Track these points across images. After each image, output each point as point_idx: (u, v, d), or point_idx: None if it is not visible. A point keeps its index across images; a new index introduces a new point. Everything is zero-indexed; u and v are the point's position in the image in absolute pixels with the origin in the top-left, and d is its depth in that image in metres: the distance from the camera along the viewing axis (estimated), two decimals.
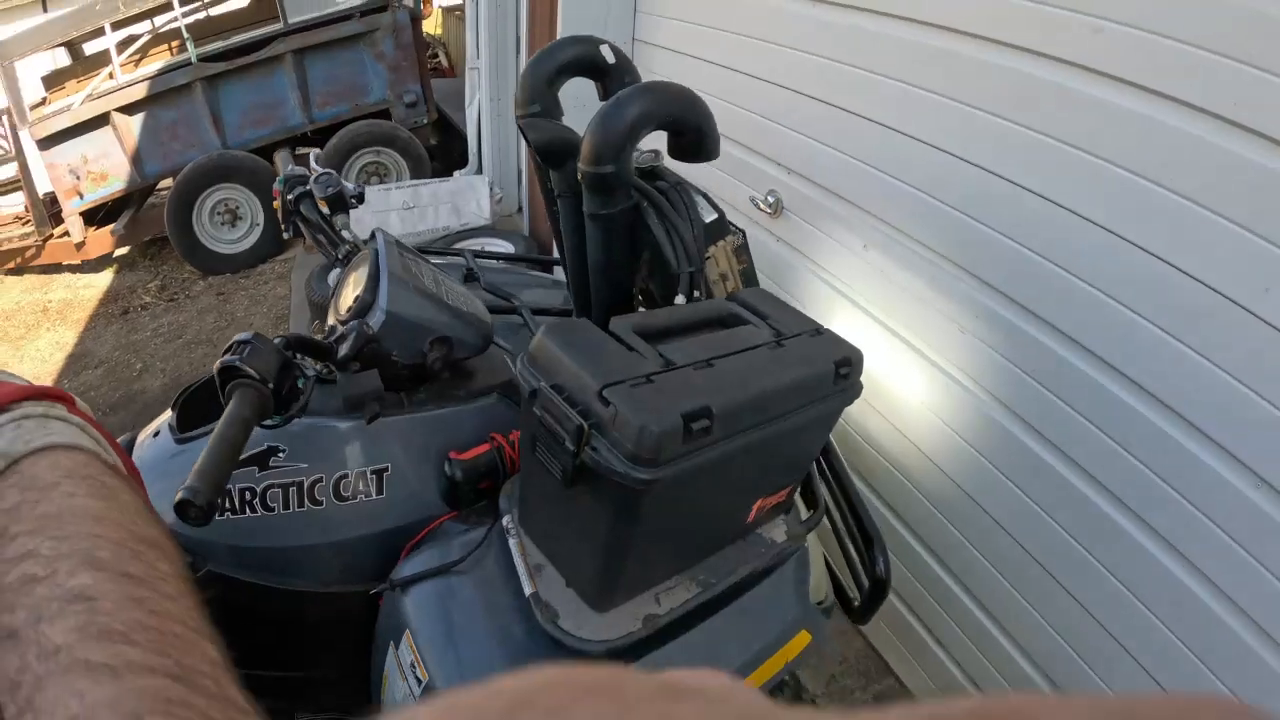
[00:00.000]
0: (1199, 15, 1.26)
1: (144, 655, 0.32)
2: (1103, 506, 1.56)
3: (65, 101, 5.55)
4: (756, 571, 1.18)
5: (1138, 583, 1.52)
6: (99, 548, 0.37)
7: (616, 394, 0.81)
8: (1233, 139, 1.23)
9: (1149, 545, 1.48)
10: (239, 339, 1.00)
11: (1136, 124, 1.37)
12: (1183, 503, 1.40)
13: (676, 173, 1.30)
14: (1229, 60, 1.22)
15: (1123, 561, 1.54)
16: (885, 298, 2.04)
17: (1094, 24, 1.41)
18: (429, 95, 5.93)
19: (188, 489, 0.85)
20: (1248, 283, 1.25)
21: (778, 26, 2.31)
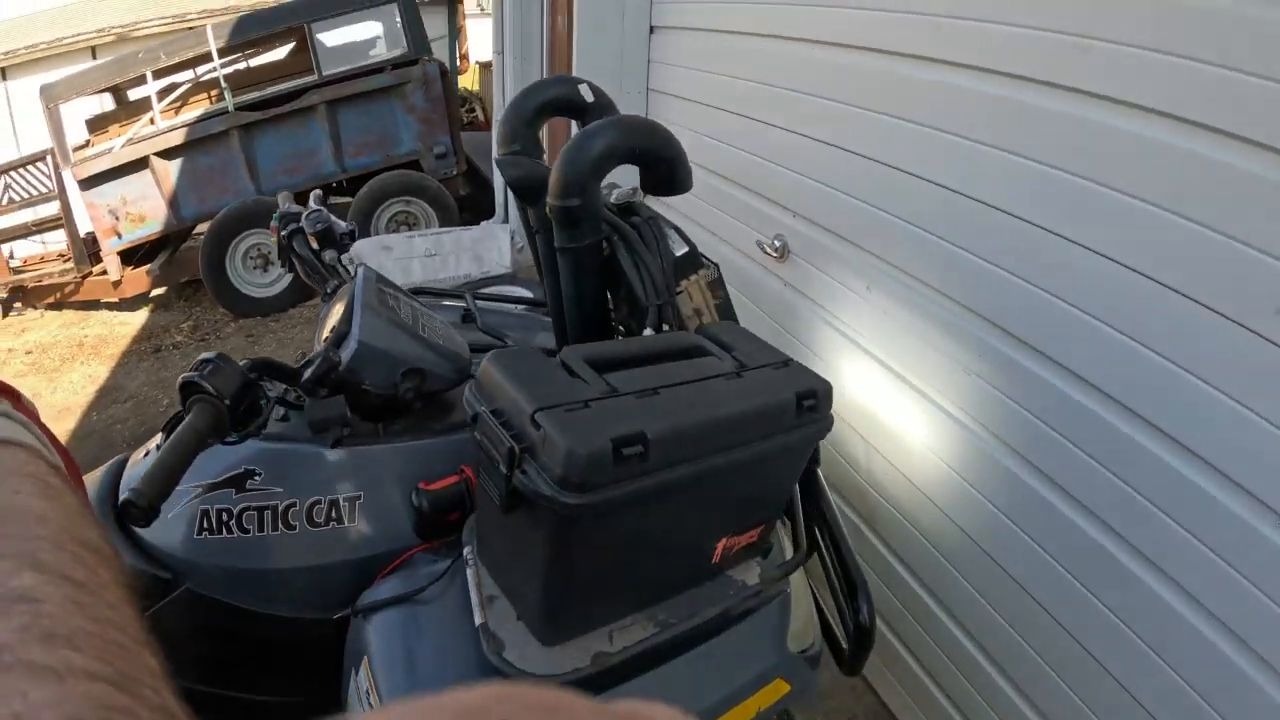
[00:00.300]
0: (1206, 29, 1.21)
1: (87, 661, 0.31)
2: (1121, 557, 1.46)
3: (107, 144, 5.77)
4: (728, 615, 1.15)
5: (1163, 642, 1.41)
6: (41, 549, 0.36)
7: (548, 418, 0.80)
8: (1251, 158, 1.17)
9: (1170, 597, 1.37)
10: (203, 357, 1.04)
11: (1145, 148, 1.31)
12: (1210, 555, 1.30)
13: (651, 208, 1.30)
14: (1244, 76, 1.16)
15: (1141, 613, 1.44)
16: (889, 339, 2.00)
17: (1083, 44, 1.39)
18: (458, 147, 6.06)
19: (132, 491, 0.89)
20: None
21: (781, 70, 2.33)
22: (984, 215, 1.65)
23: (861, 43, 1.97)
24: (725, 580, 1.15)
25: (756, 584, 1.17)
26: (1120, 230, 1.37)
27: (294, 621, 1.23)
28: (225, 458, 1.22)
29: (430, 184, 5.85)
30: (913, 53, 1.80)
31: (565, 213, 1.18)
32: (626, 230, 1.23)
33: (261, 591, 1.22)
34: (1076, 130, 1.43)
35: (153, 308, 6.30)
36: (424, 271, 4.72)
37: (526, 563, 0.92)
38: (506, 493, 0.82)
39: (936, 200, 1.77)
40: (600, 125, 1.17)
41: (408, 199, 5.83)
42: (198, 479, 1.21)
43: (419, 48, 5.87)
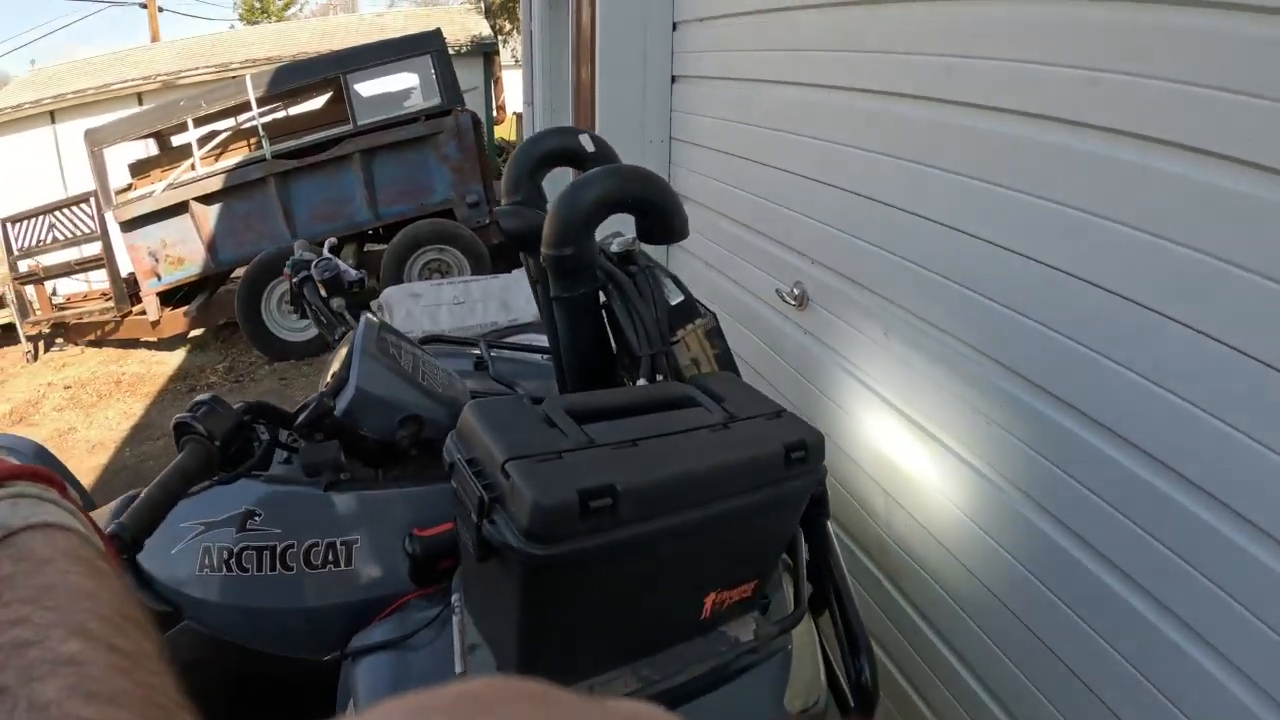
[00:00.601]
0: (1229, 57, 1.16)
1: (128, 717, 0.34)
2: (1150, 615, 1.38)
3: (149, 188, 5.96)
4: (720, 671, 1.12)
5: (1199, 709, 1.32)
6: (89, 621, 0.39)
7: (518, 468, 0.79)
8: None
9: (1204, 660, 1.29)
10: (199, 400, 1.10)
11: (1171, 185, 1.26)
12: (1243, 613, 1.21)
13: (649, 256, 1.30)
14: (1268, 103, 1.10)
15: (1172, 675, 1.35)
16: (907, 387, 1.97)
17: (1091, 77, 1.36)
18: (491, 196, 6.17)
19: (118, 525, 0.95)
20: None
21: (796, 117, 2.34)
22: (1003, 259, 1.61)
23: (873, 86, 1.97)
24: (717, 636, 1.12)
25: (751, 640, 1.14)
26: (1146, 272, 1.32)
27: (289, 661, 1.24)
28: (228, 498, 1.25)
29: (463, 232, 5.94)
30: (925, 95, 1.80)
31: (559, 262, 1.19)
32: (621, 279, 1.23)
33: (258, 630, 1.23)
34: (1095, 169, 1.39)
35: (190, 348, 6.45)
36: (451, 319, 4.77)
37: (502, 612, 0.91)
38: (477, 542, 0.81)
39: (953, 244, 1.74)
40: (593, 174, 1.18)
41: (441, 247, 5.92)
42: (201, 517, 1.25)
43: (452, 98, 6.01)
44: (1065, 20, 1.44)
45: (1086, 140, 1.41)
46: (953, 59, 1.71)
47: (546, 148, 1.42)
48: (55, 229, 6.36)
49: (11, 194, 8.48)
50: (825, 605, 1.39)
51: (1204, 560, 1.28)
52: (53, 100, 9.15)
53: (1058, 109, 1.46)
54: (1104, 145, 1.37)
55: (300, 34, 11.88)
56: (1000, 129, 1.60)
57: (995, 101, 1.60)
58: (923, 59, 1.79)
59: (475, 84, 8.80)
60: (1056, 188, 1.48)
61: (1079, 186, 1.43)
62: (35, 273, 6.49)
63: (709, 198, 3.01)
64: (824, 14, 2.21)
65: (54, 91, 9.37)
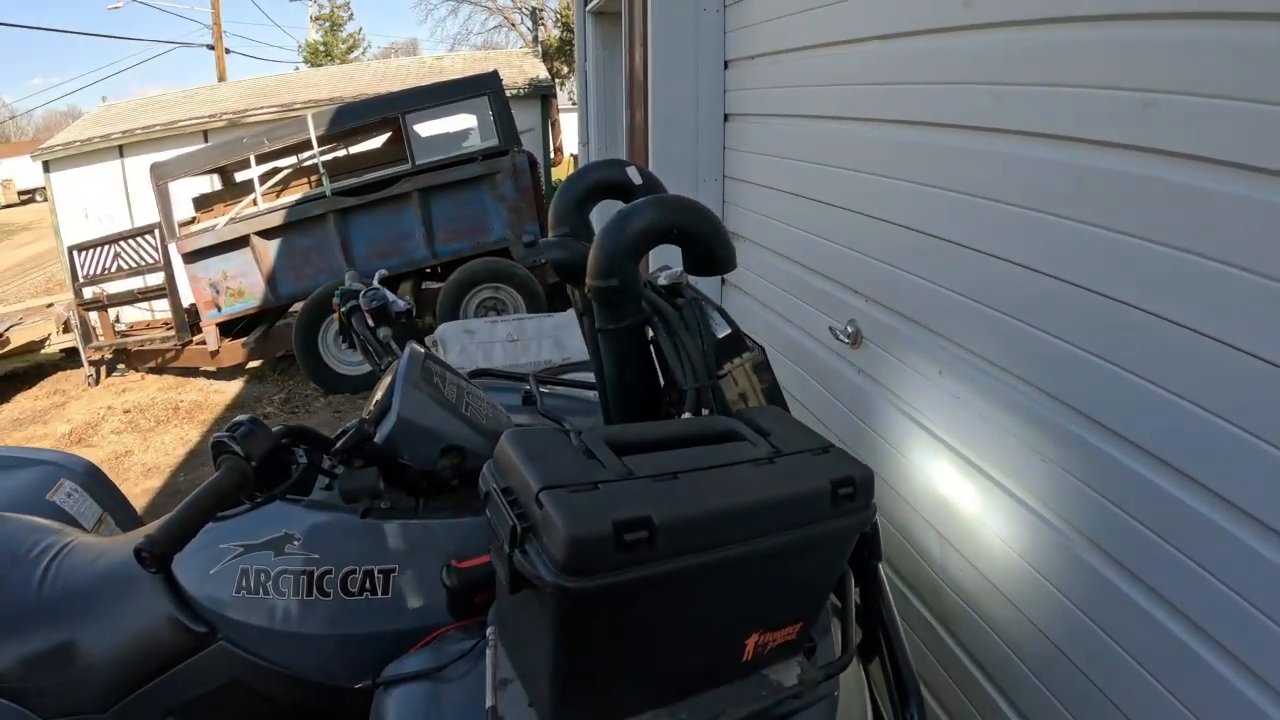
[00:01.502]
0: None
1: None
2: (1219, 667, 1.28)
3: (211, 222, 6.15)
4: (759, 716, 1.08)
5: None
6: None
7: (552, 497, 0.77)
8: None
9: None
10: (237, 420, 1.13)
11: (1238, 209, 1.18)
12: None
13: (695, 289, 1.29)
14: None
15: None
16: (961, 426, 1.92)
17: (1146, 99, 1.31)
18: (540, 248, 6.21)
19: (146, 539, 0.97)
20: None
21: (847, 151, 2.33)
22: (1060, 291, 1.55)
23: (923, 118, 1.95)
24: (759, 680, 1.09)
25: (795, 685, 1.09)
26: (1217, 302, 1.24)
27: (321, 687, 1.25)
28: (268, 521, 1.27)
29: (519, 271, 6.00)
30: (974, 124, 1.76)
31: (604, 293, 1.18)
32: (667, 311, 1.21)
33: (291, 654, 1.24)
34: (1155, 194, 1.33)
35: (247, 379, 6.60)
36: (505, 356, 4.81)
37: (536, 647, 0.89)
38: (509, 573, 0.79)
39: (1007, 277, 1.69)
40: (638, 205, 1.17)
41: (496, 285, 5.99)
42: (241, 539, 1.27)
43: (509, 139, 6.12)
44: (1117, 42, 1.40)
45: (1145, 165, 1.35)
46: (1000, 86, 1.68)
47: (593, 180, 1.42)
48: (120, 258, 6.58)
49: (80, 224, 8.84)
50: (875, 652, 1.35)
51: (1274, 605, 1.19)
52: (121, 135, 9.48)
53: (1112, 133, 1.41)
54: (1162, 169, 1.32)
55: (361, 75, 12.21)
56: (1054, 156, 1.55)
57: (1047, 128, 1.56)
58: (971, 87, 1.77)
59: (532, 125, 8.94)
60: (1112, 215, 1.42)
61: (1137, 213, 1.37)
62: (99, 299, 6.72)
63: (763, 235, 3.00)
64: (871, 48, 2.20)
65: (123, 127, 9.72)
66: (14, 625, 1.36)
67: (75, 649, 1.33)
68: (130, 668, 1.31)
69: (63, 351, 7.41)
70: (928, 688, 2.03)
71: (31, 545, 1.47)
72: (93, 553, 1.47)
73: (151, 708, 1.32)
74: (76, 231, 8.25)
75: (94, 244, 6.68)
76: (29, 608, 1.37)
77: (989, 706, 1.90)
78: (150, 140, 9.28)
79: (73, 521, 1.79)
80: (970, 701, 1.97)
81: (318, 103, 8.75)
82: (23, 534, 1.51)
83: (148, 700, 1.32)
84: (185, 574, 1.30)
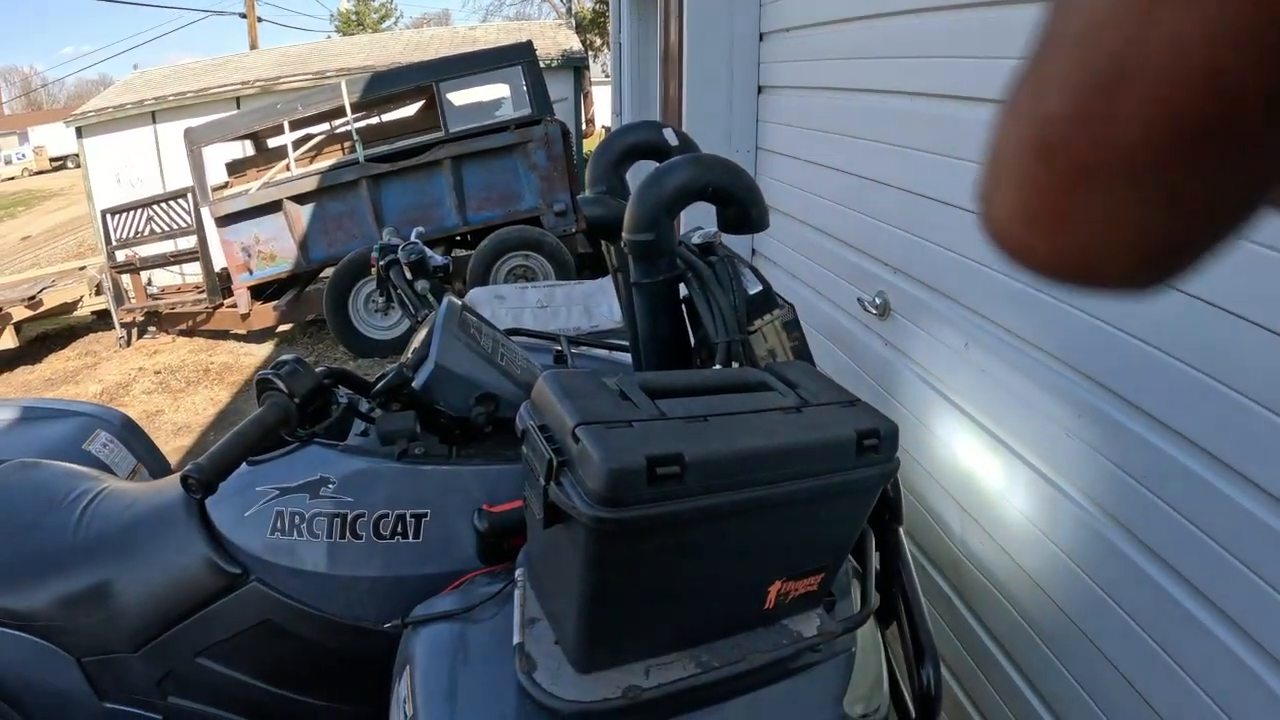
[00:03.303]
0: None
1: None
2: (1241, 653, 1.27)
3: (244, 187, 6.20)
4: (779, 666, 1.11)
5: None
6: None
7: (588, 432, 0.80)
8: None
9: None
10: (282, 359, 1.18)
11: None
12: None
13: (728, 247, 1.30)
14: None
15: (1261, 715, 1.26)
16: (986, 398, 1.92)
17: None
18: (578, 205, 6.22)
19: (194, 466, 1.02)
20: None
21: (882, 124, 2.32)
22: None
23: (958, 92, 1.94)
24: (780, 629, 1.11)
25: (814, 636, 1.12)
26: (1247, 283, 1.24)
27: (351, 628, 1.28)
28: (303, 464, 1.29)
29: (549, 240, 6.01)
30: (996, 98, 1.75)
31: (640, 247, 1.20)
32: (700, 267, 1.23)
33: (322, 595, 1.27)
34: None
35: (278, 342, 6.68)
36: (535, 322, 4.84)
37: (565, 584, 0.92)
38: (544, 505, 0.82)
39: None
40: (674, 162, 1.19)
41: (527, 253, 6.00)
42: (276, 481, 1.29)
43: (542, 109, 6.12)
44: None
45: None
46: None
47: (630, 140, 1.44)
48: (153, 222, 6.67)
49: (112, 189, 8.95)
50: (893, 617, 1.37)
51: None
52: (154, 101, 9.54)
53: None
54: None
55: (394, 45, 12.20)
56: None
57: None
58: (1009, 62, 1.75)
59: (565, 96, 8.93)
60: None
61: None
62: (132, 263, 6.82)
63: (794, 207, 3.00)
64: (909, 20, 2.19)
65: (155, 94, 9.79)
66: (50, 566, 1.39)
67: (110, 589, 1.36)
68: (163, 608, 1.34)
69: (95, 314, 7.52)
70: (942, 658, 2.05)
71: (68, 490, 1.50)
72: (128, 497, 1.50)
73: (183, 647, 1.36)
74: (109, 197, 8.33)
75: (127, 208, 6.77)
76: (65, 549, 1.40)
77: (1003, 679, 1.92)
78: (183, 107, 9.34)
79: (108, 470, 1.83)
80: (984, 674, 1.99)
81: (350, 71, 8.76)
82: (60, 479, 1.54)
83: (179, 640, 1.35)
84: (220, 516, 1.33)
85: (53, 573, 1.38)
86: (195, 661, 1.36)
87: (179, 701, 1.40)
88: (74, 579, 1.37)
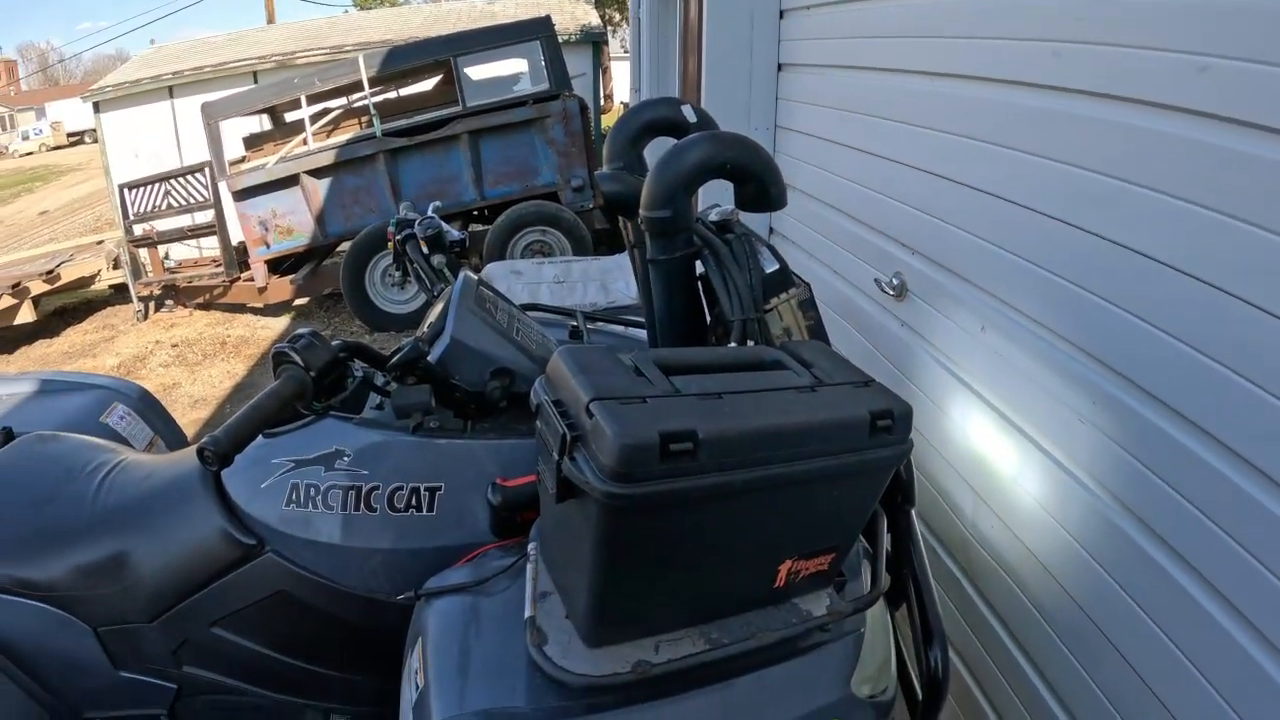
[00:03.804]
0: None
1: None
2: (1256, 654, 1.25)
3: (261, 161, 6.20)
4: (788, 644, 1.11)
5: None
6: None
7: (602, 408, 0.80)
8: None
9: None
10: (298, 332, 1.18)
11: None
12: None
13: (745, 225, 1.30)
14: None
15: (1267, 711, 1.24)
16: (1001, 382, 1.91)
17: (1199, 63, 1.28)
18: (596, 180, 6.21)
19: (210, 438, 1.03)
20: None
21: (902, 105, 2.30)
22: (1111, 254, 1.53)
23: (979, 73, 1.92)
24: (789, 608, 1.12)
25: (823, 616, 1.12)
26: (1268, 273, 1.22)
27: (364, 600, 1.29)
28: (319, 437, 1.30)
29: (566, 215, 6.01)
30: (1031, 81, 1.73)
31: (656, 224, 1.20)
32: (717, 244, 1.23)
33: (336, 566, 1.29)
34: (1208, 160, 1.30)
35: (294, 315, 6.71)
36: (551, 297, 4.85)
37: (576, 558, 0.92)
38: (557, 480, 0.82)
39: (1057, 236, 1.68)
40: (693, 139, 1.19)
41: (543, 228, 6.00)
42: (292, 454, 1.30)
43: (560, 84, 6.10)
44: (1179, 4, 1.37)
45: (1197, 129, 1.32)
46: (1060, 44, 1.64)
47: (649, 117, 1.43)
48: (170, 196, 6.69)
49: (129, 164, 8.96)
50: (903, 599, 1.37)
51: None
52: (172, 76, 9.54)
53: (1165, 96, 1.38)
54: (1216, 135, 1.29)
55: (413, 19, 12.15)
56: (1108, 116, 1.52)
57: (1103, 88, 1.53)
58: (1029, 43, 1.73)
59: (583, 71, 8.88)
60: (1164, 178, 1.39)
61: (1189, 177, 1.34)
62: (149, 237, 6.85)
63: (812, 186, 2.99)
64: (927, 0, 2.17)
65: (173, 68, 9.79)
66: (68, 537, 1.41)
67: (127, 560, 1.38)
68: (179, 578, 1.36)
69: (112, 287, 7.58)
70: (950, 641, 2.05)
71: (86, 461, 1.51)
72: (145, 469, 1.51)
73: (198, 617, 1.37)
74: (126, 171, 8.36)
75: (144, 182, 6.78)
76: (83, 520, 1.42)
77: (1010, 663, 1.92)
78: (200, 81, 9.34)
79: (125, 443, 1.85)
80: (991, 658, 1.99)
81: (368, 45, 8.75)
82: (77, 451, 1.56)
83: (195, 610, 1.37)
84: (236, 488, 1.35)
85: (70, 544, 1.40)
86: (210, 631, 1.38)
87: (194, 671, 1.42)
88: (91, 550, 1.39)
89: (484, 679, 1.02)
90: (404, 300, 5.98)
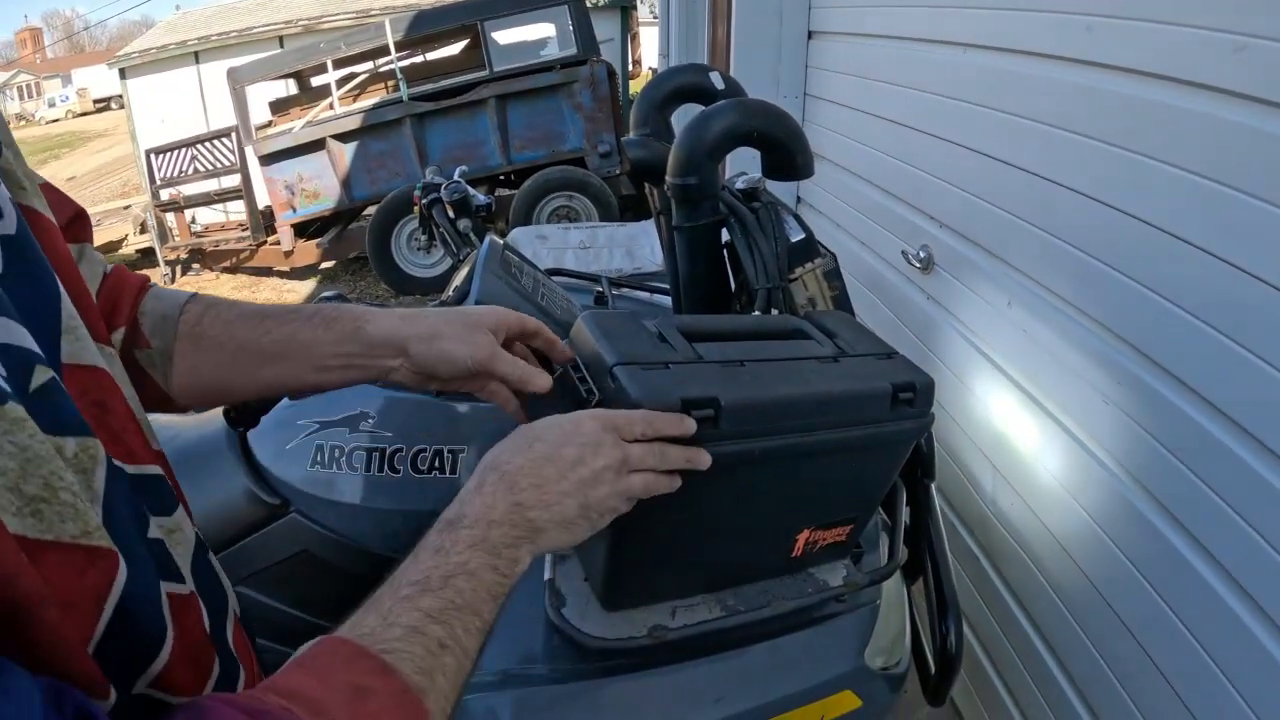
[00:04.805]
0: None
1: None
2: (1270, 646, 1.24)
3: (287, 125, 6.21)
4: (804, 613, 1.12)
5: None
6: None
7: (625, 373, 0.80)
8: None
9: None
10: (325, 295, 1.13)
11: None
12: None
13: (772, 194, 1.29)
14: None
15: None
16: (1025, 359, 1.90)
17: (1236, 42, 1.25)
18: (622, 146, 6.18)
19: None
20: None
21: (934, 76, 2.26)
22: (1141, 234, 1.51)
23: (1013, 45, 1.89)
24: (806, 577, 1.12)
25: (840, 586, 1.13)
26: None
27: (386, 560, 1.30)
28: (344, 399, 1.32)
29: (593, 180, 5.99)
30: (1065, 55, 1.70)
31: (682, 190, 1.19)
32: (743, 212, 1.22)
33: (359, 527, 1.31)
34: (1242, 141, 1.28)
35: (320, 279, 6.75)
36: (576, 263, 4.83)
37: None
38: None
39: (1085, 213, 1.65)
40: (720, 106, 1.17)
41: (570, 194, 5.99)
42: (317, 415, 1.32)
43: (588, 49, 6.05)
44: None
45: (1233, 110, 1.29)
46: (1094, 18, 1.61)
47: (676, 83, 1.42)
48: (197, 161, 6.74)
49: (155, 130, 9.01)
50: (920, 573, 1.37)
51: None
52: (197, 41, 9.59)
53: (1200, 75, 1.35)
54: (1252, 116, 1.25)
55: None
56: (1141, 94, 1.49)
57: (1137, 64, 1.50)
58: (1064, 16, 1.70)
59: (611, 36, 8.81)
60: (1202, 161, 1.36)
61: (1227, 160, 1.31)
62: (176, 201, 6.91)
63: (841, 156, 2.96)
64: None
65: (198, 34, 9.82)
66: None
67: None
68: (205, 537, 1.39)
69: (139, 252, 7.67)
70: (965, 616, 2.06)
71: None
72: (171, 430, 1.52)
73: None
74: (152, 137, 8.42)
75: (171, 147, 6.84)
76: None
77: (1023, 640, 1.92)
78: (226, 46, 9.37)
79: None
80: (1006, 636, 2.00)
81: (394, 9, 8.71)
82: None
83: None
84: (262, 449, 1.36)
85: None
86: (234, 590, 1.40)
87: None
88: None
89: (502, 639, 1.03)
90: (429, 264, 6.00)
